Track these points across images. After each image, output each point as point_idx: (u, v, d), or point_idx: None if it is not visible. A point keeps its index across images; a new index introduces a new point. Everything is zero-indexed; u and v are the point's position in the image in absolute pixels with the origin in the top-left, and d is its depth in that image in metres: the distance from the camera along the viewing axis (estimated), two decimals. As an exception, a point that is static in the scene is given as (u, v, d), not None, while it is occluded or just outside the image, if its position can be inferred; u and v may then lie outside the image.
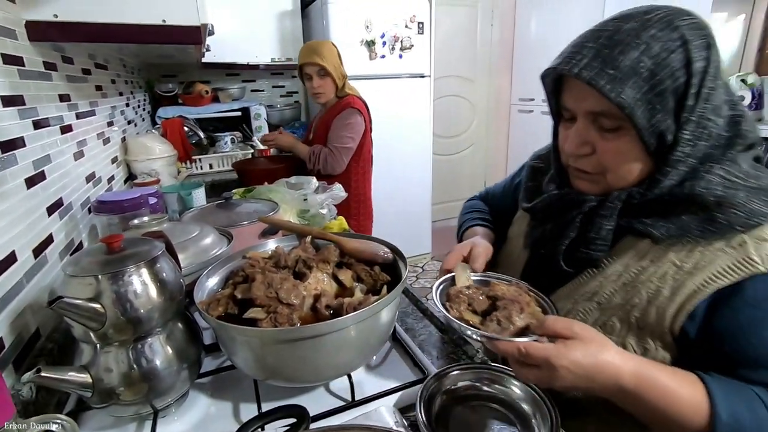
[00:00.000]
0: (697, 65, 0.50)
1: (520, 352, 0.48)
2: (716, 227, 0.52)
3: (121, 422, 0.58)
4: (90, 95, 1.24)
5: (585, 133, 0.57)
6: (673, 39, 0.50)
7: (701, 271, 0.52)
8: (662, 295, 0.54)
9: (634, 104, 0.50)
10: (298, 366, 0.55)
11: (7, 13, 0.77)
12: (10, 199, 0.68)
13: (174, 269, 0.59)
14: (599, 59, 0.51)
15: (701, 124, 0.52)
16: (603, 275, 0.60)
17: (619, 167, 0.57)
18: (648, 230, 0.56)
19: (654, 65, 0.50)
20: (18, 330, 0.65)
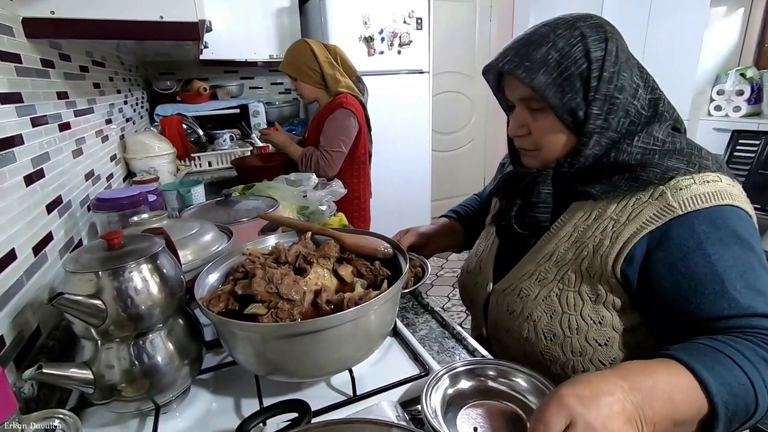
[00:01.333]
0: (595, 54, 0.63)
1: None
2: (639, 183, 0.63)
3: (123, 418, 0.58)
4: (88, 93, 1.23)
5: (521, 117, 0.70)
6: (575, 36, 0.64)
7: (633, 221, 0.62)
8: (604, 245, 0.64)
9: (546, 87, 0.63)
10: (299, 361, 0.55)
11: (3, 10, 0.77)
12: (8, 197, 0.68)
13: (174, 265, 0.59)
14: (519, 55, 0.65)
15: (609, 101, 0.64)
16: (557, 237, 0.70)
17: (548, 142, 0.69)
18: (586, 189, 0.67)
19: (560, 56, 0.63)
20: (19, 328, 0.65)
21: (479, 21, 3.65)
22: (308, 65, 1.76)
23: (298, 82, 1.81)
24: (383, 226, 1.92)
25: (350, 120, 1.76)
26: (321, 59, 1.75)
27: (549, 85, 0.64)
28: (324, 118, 1.79)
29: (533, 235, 0.74)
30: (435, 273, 3.03)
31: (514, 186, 0.77)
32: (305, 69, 1.77)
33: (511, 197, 0.77)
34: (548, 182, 0.71)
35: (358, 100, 1.83)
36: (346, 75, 1.84)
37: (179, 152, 1.94)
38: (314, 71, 1.77)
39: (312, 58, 1.75)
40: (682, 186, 0.61)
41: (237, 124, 2.55)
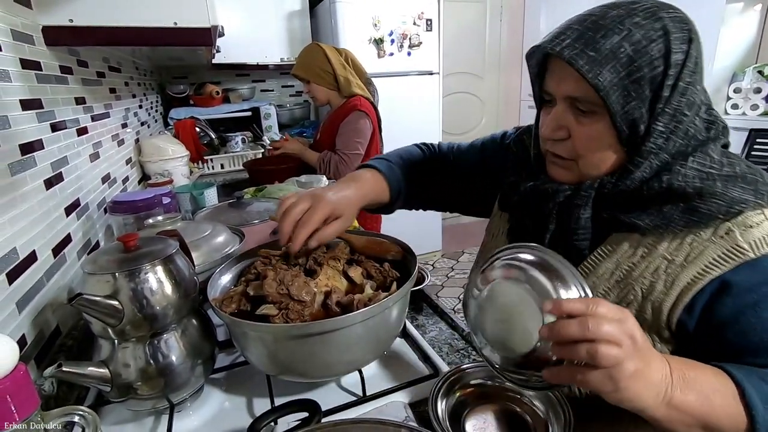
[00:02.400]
0: (676, 57, 0.51)
1: (590, 302, 0.42)
2: (698, 216, 0.52)
3: (139, 416, 0.60)
4: (104, 98, 1.27)
5: (562, 117, 0.58)
6: (656, 29, 0.51)
7: (693, 264, 0.53)
8: (657, 290, 0.54)
9: (609, 87, 0.51)
10: (309, 361, 0.56)
11: (24, 19, 0.80)
12: (29, 200, 0.71)
13: (188, 267, 0.60)
14: (582, 40, 0.52)
15: (676, 118, 0.53)
16: (595, 274, 0.59)
17: (592, 154, 0.57)
18: (633, 221, 0.55)
19: (633, 52, 0.51)
20: (39, 327, 0.67)
21: (489, 21, 3.63)
22: (321, 67, 1.78)
23: (311, 84, 1.82)
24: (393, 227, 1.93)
25: (365, 121, 1.79)
26: (334, 61, 1.77)
27: (614, 86, 0.51)
28: (337, 121, 1.81)
29: None
30: (445, 275, 3.03)
31: (540, 204, 0.63)
32: (318, 71, 1.78)
33: (539, 219, 0.63)
34: (589, 205, 0.58)
35: (370, 102, 1.86)
36: (357, 77, 1.86)
37: (192, 155, 1.97)
38: (327, 73, 1.78)
39: (325, 60, 1.77)
40: (751, 223, 0.51)
41: (249, 126, 2.58)
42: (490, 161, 0.81)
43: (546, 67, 0.60)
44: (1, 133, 0.65)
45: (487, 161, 0.81)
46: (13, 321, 0.61)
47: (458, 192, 0.86)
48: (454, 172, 0.85)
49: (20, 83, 0.74)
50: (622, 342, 0.41)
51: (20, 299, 0.63)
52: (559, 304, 0.43)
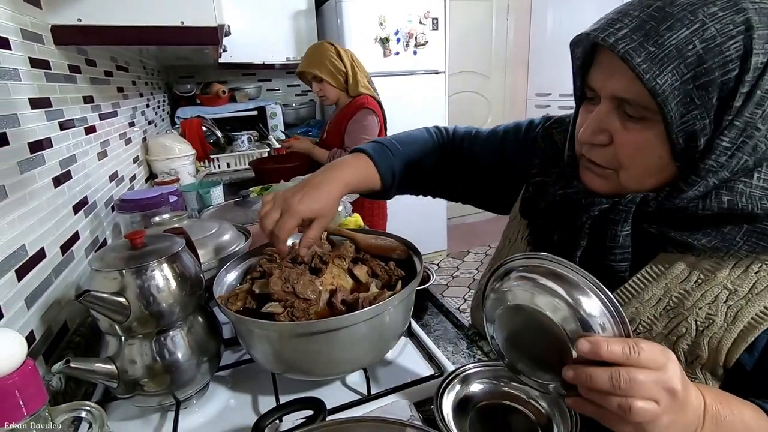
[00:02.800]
0: (757, 59, 0.41)
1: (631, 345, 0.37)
2: (767, 241, 0.45)
3: (146, 412, 0.60)
4: (112, 97, 1.28)
5: (605, 119, 0.50)
6: (736, 23, 0.41)
7: (760, 297, 0.45)
8: (715, 326, 0.47)
9: (669, 92, 0.43)
10: (314, 359, 0.56)
11: (34, 18, 0.80)
12: (38, 197, 0.71)
13: (194, 264, 0.60)
14: (641, 32, 0.43)
15: (746, 132, 0.44)
16: (639, 300, 0.52)
17: (636, 165, 0.49)
18: (686, 240, 0.48)
19: (704, 50, 0.41)
20: (47, 323, 0.68)
21: (496, 20, 3.61)
22: (335, 65, 1.77)
23: (324, 83, 1.81)
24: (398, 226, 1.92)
25: (372, 118, 1.80)
26: (345, 60, 1.78)
27: (674, 90, 0.43)
28: (344, 119, 1.82)
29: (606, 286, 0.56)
30: (450, 274, 3.02)
31: (570, 216, 0.55)
32: (332, 69, 1.78)
33: (569, 234, 0.56)
34: (629, 221, 0.50)
35: (377, 100, 1.86)
36: (362, 75, 1.86)
37: (199, 154, 1.98)
38: (340, 72, 1.78)
39: (338, 59, 1.77)
40: None
41: (255, 125, 2.59)
42: (510, 153, 0.73)
43: (593, 57, 0.51)
44: (11, 132, 0.65)
45: (508, 153, 0.73)
46: (22, 317, 0.61)
47: (471, 184, 0.78)
48: (467, 162, 0.76)
49: (29, 82, 0.75)
50: (659, 399, 0.37)
51: (29, 296, 0.64)
52: (595, 347, 0.38)
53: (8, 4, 0.71)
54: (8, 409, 0.31)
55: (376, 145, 0.75)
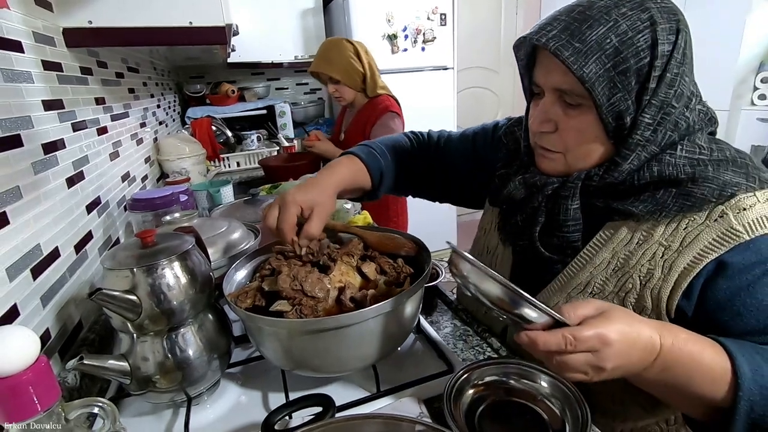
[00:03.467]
0: (663, 48, 0.51)
1: (568, 341, 0.43)
2: (692, 200, 0.53)
3: (158, 409, 0.61)
4: (123, 98, 1.29)
5: (549, 110, 0.58)
6: (642, 19, 0.51)
7: (689, 248, 0.53)
8: (654, 277, 0.55)
9: (595, 79, 0.51)
10: (323, 356, 0.56)
11: (45, 21, 0.82)
12: (52, 198, 0.72)
13: (204, 263, 0.61)
14: (568, 32, 0.51)
15: (664, 110, 0.52)
16: (592, 264, 0.60)
17: (579, 146, 0.57)
18: (627, 208, 0.56)
19: (619, 43, 0.50)
20: (62, 321, 0.69)
21: (505, 15, 3.58)
22: (354, 67, 1.65)
23: (341, 85, 1.70)
24: (409, 224, 1.92)
25: (398, 123, 1.71)
26: (363, 60, 1.66)
27: (599, 78, 0.51)
28: (365, 122, 1.71)
29: (563, 258, 0.63)
30: (461, 271, 3.00)
31: (529, 198, 0.64)
32: (351, 71, 1.66)
33: (528, 213, 0.64)
34: (576, 196, 0.59)
35: (395, 100, 1.77)
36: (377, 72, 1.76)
37: (209, 153, 2.00)
38: (358, 72, 1.67)
39: (356, 59, 1.65)
40: (744, 206, 0.52)
41: (264, 124, 2.61)
42: (481, 153, 0.80)
43: (535, 58, 0.60)
44: (25, 133, 0.67)
45: (479, 153, 0.81)
46: (38, 315, 0.62)
47: (446, 182, 0.85)
48: (442, 162, 0.83)
49: (42, 84, 0.76)
50: (588, 372, 0.45)
51: (44, 294, 0.65)
52: (532, 343, 0.45)
53: (20, 8, 0.72)
54: (22, 405, 0.32)
55: (365, 149, 0.80)
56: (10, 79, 0.66)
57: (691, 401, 0.50)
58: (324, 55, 1.68)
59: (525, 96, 0.65)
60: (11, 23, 0.69)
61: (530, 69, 0.61)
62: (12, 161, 0.62)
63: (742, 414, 0.46)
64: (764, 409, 0.46)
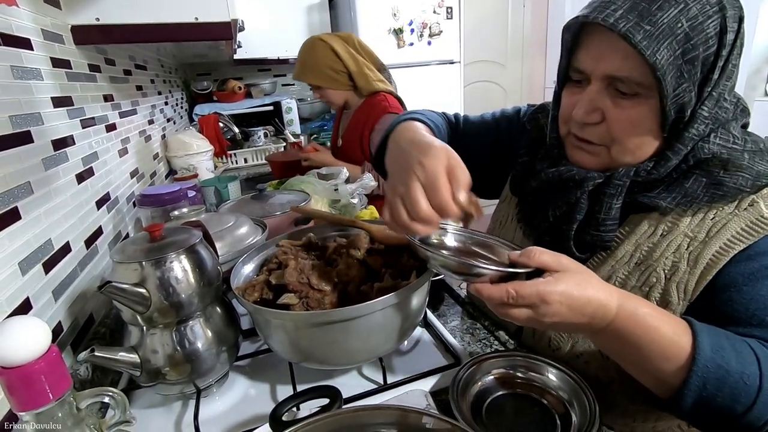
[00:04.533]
0: (729, 36, 0.47)
1: (509, 294, 0.44)
2: (724, 190, 0.50)
3: (168, 400, 0.62)
4: (131, 95, 1.30)
5: (596, 99, 0.53)
6: (712, 3, 0.47)
7: (716, 238, 0.51)
8: (680, 271, 0.53)
9: (666, 67, 0.46)
10: (330, 349, 0.57)
11: (54, 19, 0.82)
12: (63, 194, 0.73)
13: (212, 256, 0.61)
14: (635, 12, 0.47)
15: (719, 103, 0.50)
16: (614, 258, 0.57)
17: (629, 139, 0.53)
18: (654, 202, 0.53)
19: (690, 28, 0.46)
20: (74, 315, 0.70)
21: (512, 7, 3.54)
22: (332, 68, 1.51)
23: (323, 90, 1.58)
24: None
25: None
26: (344, 57, 1.51)
27: (670, 65, 0.46)
28: (364, 125, 1.58)
29: (592, 255, 0.60)
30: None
31: (565, 192, 0.59)
32: (330, 73, 1.52)
33: (565, 208, 0.59)
34: (622, 195, 0.55)
35: (395, 96, 1.64)
36: (371, 66, 1.61)
37: (216, 150, 2.01)
38: (340, 72, 1.53)
39: (335, 58, 1.50)
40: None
41: (270, 120, 2.61)
42: (504, 139, 0.76)
43: (579, 41, 0.55)
44: (35, 130, 0.67)
45: (502, 138, 0.76)
46: (50, 309, 0.63)
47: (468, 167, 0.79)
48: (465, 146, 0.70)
49: (51, 81, 0.77)
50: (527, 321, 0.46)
51: (56, 288, 0.66)
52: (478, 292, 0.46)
53: (29, 6, 0.73)
54: (35, 394, 0.32)
55: (424, 118, 0.69)
56: (21, 77, 0.67)
57: (643, 371, 0.50)
58: (300, 61, 1.56)
59: (557, 82, 0.60)
60: (21, 21, 0.70)
61: (570, 53, 0.56)
62: (23, 157, 0.63)
63: (693, 388, 0.45)
64: (717, 388, 0.45)
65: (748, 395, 0.45)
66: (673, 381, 0.47)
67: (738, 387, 0.45)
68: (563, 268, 0.46)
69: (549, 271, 0.46)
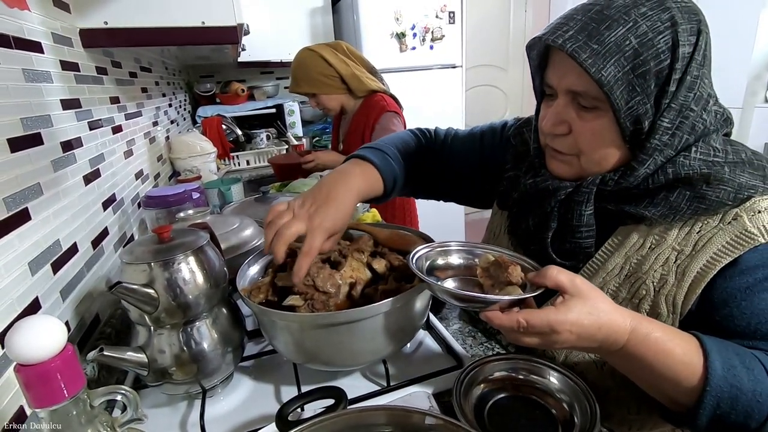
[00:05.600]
0: (684, 49, 0.49)
1: (520, 324, 0.46)
2: (707, 203, 0.52)
3: (174, 400, 0.63)
4: (136, 97, 1.31)
5: (563, 112, 0.56)
6: (663, 20, 0.49)
7: (702, 252, 0.52)
8: (669, 284, 0.54)
9: (614, 82, 0.49)
10: (334, 350, 0.57)
11: (63, 23, 0.84)
12: (70, 195, 0.74)
13: (218, 258, 0.62)
14: (585, 32, 0.50)
15: (683, 113, 0.51)
16: (605, 270, 0.59)
17: (594, 150, 0.56)
18: (640, 212, 0.55)
19: (639, 44, 0.49)
20: (81, 314, 0.71)
21: (514, 12, 3.56)
22: (323, 73, 1.57)
23: (319, 96, 1.63)
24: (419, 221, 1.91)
25: (398, 122, 1.62)
26: (334, 62, 1.57)
27: (618, 81, 0.49)
28: (365, 126, 1.61)
29: (576, 264, 0.61)
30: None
31: (541, 202, 0.62)
32: (322, 79, 1.58)
33: (540, 217, 0.63)
34: (591, 201, 0.57)
35: (393, 97, 1.68)
36: (362, 68, 1.65)
37: (219, 152, 2.02)
38: (332, 77, 1.59)
39: (325, 64, 1.57)
40: (760, 208, 0.51)
41: (273, 123, 2.62)
42: (488, 153, 0.78)
43: (548, 58, 0.58)
44: (45, 131, 0.68)
45: (486, 152, 0.79)
46: (58, 308, 0.64)
47: (452, 181, 0.82)
48: (449, 161, 0.81)
49: (61, 84, 0.78)
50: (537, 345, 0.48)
51: (64, 288, 0.67)
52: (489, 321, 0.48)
53: (40, 10, 0.74)
54: (51, 391, 0.33)
55: (378, 153, 0.73)
56: (31, 79, 0.68)
57: (656, 390, 0.51)
58: (292, 73, 1.62)
59: (536, 96, 0.64)
60: (32, 25, 0.71)
61: (542, 69, 0.60)
62: (33, 159, 0.64)
63: (707, 408, 0.47)
64: (731, 407, 0.46)
65: (761, 412, 0.47)
66: (687, 401, 0.48)
67: (751, 405, 0.46)
68: (576, 292, 0.47)
69: (562, 292, 0.48)
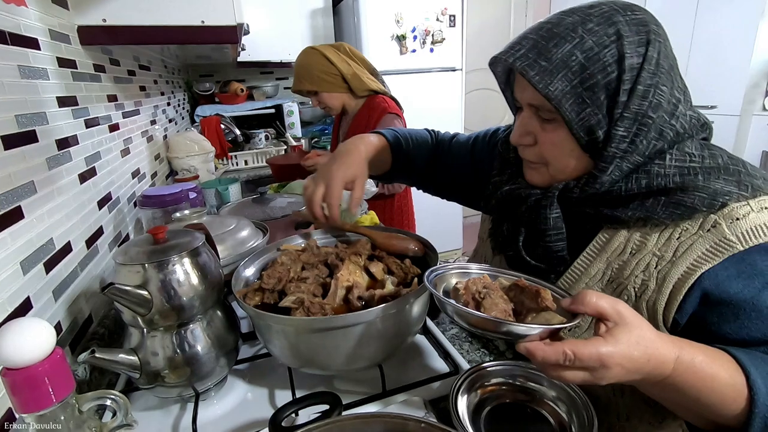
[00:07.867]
0: (631, 61, 0.51)
1: (567, 357, 0.41)
2: (681, 209, 0.52)
3: (166, 403, 0.62)
4: (135, 95, 1.30)
5: (528, 123, 0.59)
6: (609, 34, 0.51)
7: (682, 259, 0.53)
8: (649, 289, 0.55)
9: (561, 96, 0.52)
10: (330, 354, 0.57)
11: (61, 19, 0.83)
12: (65, 193, 0.74)
13: (214, 259, 0.61)
14: (535, 50, 0.53)
15: (640, 121, 0.52)
16: (587, 275, 0.60)
17: (557, 160, 0.58)
18: (615, 214, 0.56)
19: (585, 59, 0.51)
20: (73, 315, 0.70)
21: (514, 16, 3.57)
22: (326, 71, 1.57)
23: (321, 94, 1.63)
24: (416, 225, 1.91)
25: (399, 124, 1.60)
26: (336, 60, 1.57)
27: (566, 95, 0.52)
28: (366, 127, 1.60)
29: (552, 268, 0.62)
30: (466, 273, 3.00)
31: (514, 208, 0.65)
32: (324, 77, 1.58)
33: (513, 223, 0.66)
34: (555, 205, 0.59)
35: (394, 99, 1.68)
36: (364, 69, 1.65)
37: (217, 151, 2.01)
38: (334, 76, 1.59)
39: (327, 63, 1.57)
40: (738, 215, 0.51)
41: (272, 123, 2.62)
42: (478, 157, 0.82)
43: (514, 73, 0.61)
44: (40, 129, 0.68)
45: (476, 158, 0.82)
46: (50, 308, 0.63)
47: (450, 183, 0.87)
48: (446, 163, 0.85)
49: (57, 81, 0.77)
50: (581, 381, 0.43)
51: (56, 288, 0.66)
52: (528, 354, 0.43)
53: (37, 6, 0.74)
54: (38, 396, 0.32)
55: (392, 132, 0.83)
56: (27, 76, 0.67)
57: (700, 417, 0.49)
58: (295, 71, 1.63)
59: (510, 110, 0.67)
60: (29, 21, 0.70)
61: (511, 84, 0.63)
62: (27, 156, 0.63)
63: (756, 429, 0.45)
64: None
65: None
66: (734, 423, 0.47)
67: None
68: (620, 319, 0.43)
69: (604, 320, 0.44)
